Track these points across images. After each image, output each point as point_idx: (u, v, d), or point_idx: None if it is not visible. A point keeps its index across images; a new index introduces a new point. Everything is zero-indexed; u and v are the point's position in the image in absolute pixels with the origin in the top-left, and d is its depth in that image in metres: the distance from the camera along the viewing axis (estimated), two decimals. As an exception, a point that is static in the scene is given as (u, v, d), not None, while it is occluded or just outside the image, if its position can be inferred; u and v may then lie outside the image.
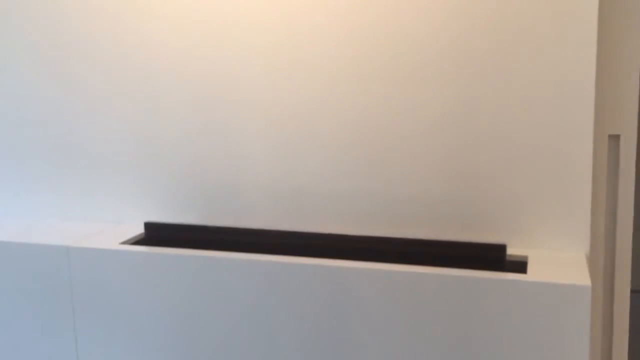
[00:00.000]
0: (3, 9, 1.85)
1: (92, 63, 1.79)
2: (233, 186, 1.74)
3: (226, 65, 1.70)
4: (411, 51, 1.57)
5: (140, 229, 1.77)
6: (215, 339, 1.57)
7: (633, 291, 1.62)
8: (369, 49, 1.60)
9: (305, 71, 1.65)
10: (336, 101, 1.64)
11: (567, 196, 1.53)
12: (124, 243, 1.68)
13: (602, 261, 1.61)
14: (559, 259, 1.51)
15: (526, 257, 1.52)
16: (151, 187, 1.81)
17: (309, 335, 1.51)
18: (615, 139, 1.57)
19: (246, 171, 1.73)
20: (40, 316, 1.69)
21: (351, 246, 1.63)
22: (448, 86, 1.56)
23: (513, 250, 1.56)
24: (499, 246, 1.55)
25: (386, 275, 1.46)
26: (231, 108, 1.71)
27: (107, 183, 1.84)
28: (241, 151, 1.72)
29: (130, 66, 1.77)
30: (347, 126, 1.64)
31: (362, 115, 1.62)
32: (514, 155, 1.55)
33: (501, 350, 1.40)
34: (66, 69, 1.82)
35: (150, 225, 1.77)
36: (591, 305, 1.35)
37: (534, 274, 1.42)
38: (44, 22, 1.81)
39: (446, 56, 1.56)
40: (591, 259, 1.56)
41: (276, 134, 1.69)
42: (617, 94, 1.55)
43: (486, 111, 1.55)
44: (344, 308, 1.48)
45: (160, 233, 1.76)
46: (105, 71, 1.79)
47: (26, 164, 1.90)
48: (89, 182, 1.85)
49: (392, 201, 1.63)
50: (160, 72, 1.74)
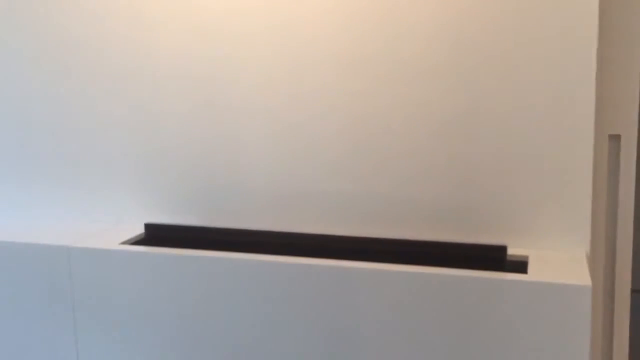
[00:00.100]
0: (4, 9, 1.85)
1: (94, 64, 1.79)
2: (233, 187, 1.74)
3: (227, 67, 1.69)
4: (411, 53, 1.57)
5: (141, 229, 1.77)
6: (215, 339, 1.57)
7: (634, 291, 1.62)
8: (369, 52, 1.60)
9: (306, 73, 1.65)
10: (337, 103, 1.64)
11: (567, 196, 1.53)
12: (124, 243, 1.68)
13: (602, 261, 1.61)
14: (560, 259, 1.50)
15: (527, 257, 1.51)
16: (151, 188, 1.80)
17: (309, 335, 1.51)
18: (615, 139, 1.57)
19: (246, 172, 1.72)
20: (40, 316, 1.69)
21: (351, 247, 1.63)
22: (448, 87, 1.56)
23: (513, 250, 1.56)
24: (499, 247, 1.55)
25: (386, 275, 1.46)
26: (232, 109, 1.71)
27: (108, 184, 1.84)
28: (241, 152, 1.72)
29: (131, 67, 1.76)
30: (347, 128, 1.64)
31: (362, 117, 1.62)
32: (514, 154, 1.55)
33: (502, 350, 1.39)
34: (67, 70, 1.82)
35: (150, 226, 1.77)
36: (592, 305, 1.34)
37: (534, 274, 1.42)
38: (45, 23, 1.81)
39: (447, 57, 1.56)
40: (592, 259, 1.56)
41: (276, 135, 1.69)
42: (617, 94, 1.54)
43: (487, 112, 1.55)
44: (344, 308, 1.48)
45: (161, 233, 1.76)
46: (107, 72, 1.79)
47: (26, 164, 1.90)
48: (89, 182, 1.85)
49: (392, 202, 1.63)
50: (162, 74, 1.74)
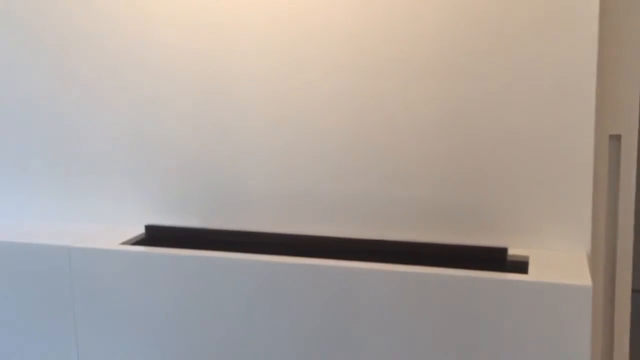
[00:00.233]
0: (4, 9, 1.85)
1: (92, 64, 1.79)
2: (233, 188, 1.74)
3: (226, 67, 1.69)
4: (412, 52, 1.57)
5: (141, 229, 1.77)
6: (215, 339, 1.57)
7: (634, 291, 1.62)
8: (368, 49, 1.60)
9: (305, 72, 1.64)
10: (336, 102, 1.64)
11: (568, 196, 1.53)
12: (125, 243, 1.68)
13: (603, 261, 1.61)
14: (560, 259, 1.50)
15: (527, 257, 1.51)
16: (151, 189, 1.80)
17: (309, 336, 1.51)
18: (616, 139, 1.57)
19: (246, 173, 1.72)
20: (41, 316, 1.69)
21: (351, 248, 1.63)
22: (448, 87, 1.56)
23: (514, 251, 1.56)
24: (499, 249, 1.55)
25: (386, 275, 1.46)
26: (231, 110, 1.71)
27: (108, 184, 1.83)
28: (241, 153, 1.72)
29: (130, 67, 1.76)
30: (347, 128, 1.64)
31: (362, 116, 1.62)
32: (514, 154, 1.55)
33: (502, 351, 1.39)
34: (67, 71, 1.81)
35: (150, 227, 1.77)
36: (592, 305, 1.34)
37: (535, 274, 1.42)
38: (44, 23, 1.81)
39: (446, 57, 1.55)
40: (592, 259, 1.56)
41: (276, 135, 1.69)
42: (618, 94, 1.54)
43: (487, 112, 1.55)
44: (344, 308, 1.48)
45: (161, 234, 1.76)
46: (105, 73, 1.78)
47: (27, 164, 1.90)
48: (90, 183, 1.85)
49: (392, 203, 1.63)
50: (161, 74, 1.74)
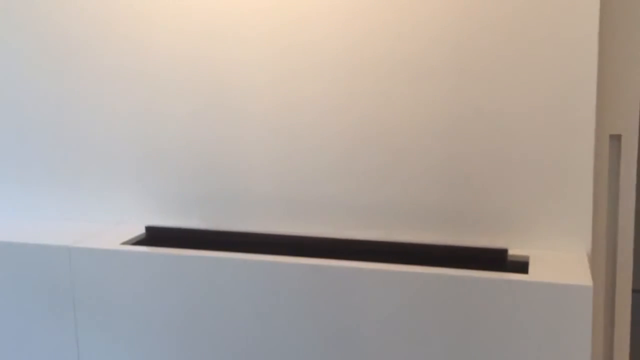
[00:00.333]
0: (4, 9, 1.85)
1: (96, 66, 1.79)
2: (233, 189, 1.74)
3: (228, 70, 1.69)
4: (412, 55, 1.57)
5: (141, 230, 1.77)
6: (215, 339, 1.57)
7: (635, 291, 1.62)
8: (369, 55, 1.59)
9: (306, 76, 1.64)
10: (337, 106, 1.63)
11: (568, 196, 1.53)
12: (125, 243, 1.68)
13: (603, 261, 1.61)
14: (561, 259, 1.50)
15: (527, 257, 1.51)
16: (152, 190, 1.80)
17: (309, 335, 1.51)
18: (616, 138, 1.57)
19: (247, 175, 1.72)
20: (41, 316, 1.69)
21: (351, 249, 1.63)
22: (448, 88, 1.56)
23: (514, 251, 1.56)
24: (500, 250, 1.55)
25: (387, 275, 1.46)
26: (233, 112, 1.71)
27: (108, 185, 1.83)
28: (242, 155, 1.72)
29: (133, 70, 1.76)
30: (348, 131, 1.63)
31: (363, 120, 1.62)
32: (515, 154, 1.55)
33: (503, 350, 1.39)
34: (68, 70, 1.82)
35: (151, 228, 1.77)
36: (593, 305, 1.34)
37: (535, 274, 1.42)
38: (46, 25, 1.81)
39: (446, 58, 1.55)
40: (593, 259, 1.56)
41: (277, 137, 1.69)
42: (618, 93, 1.54)
43: (487, 112, 1.55)
44: (344, 308, 1.48)
45: (161, 235, 1.76)
46: (108, 73, 1.79)
47: (28, 164, 1.90)
48: (90, 182, 1.85)
49: (393, 205, 1.63)
50: (164, 76, 1.74)
